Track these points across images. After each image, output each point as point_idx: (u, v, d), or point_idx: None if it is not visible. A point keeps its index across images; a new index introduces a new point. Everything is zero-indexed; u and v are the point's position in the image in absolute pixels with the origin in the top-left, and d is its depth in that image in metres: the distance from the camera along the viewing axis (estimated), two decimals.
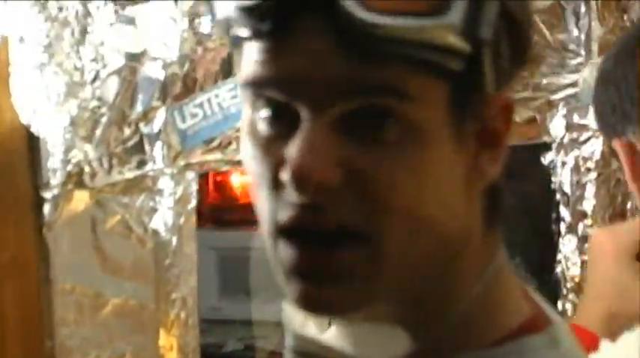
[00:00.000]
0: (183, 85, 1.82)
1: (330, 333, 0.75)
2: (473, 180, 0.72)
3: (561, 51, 1.79)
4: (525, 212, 1.69)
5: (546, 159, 1.80)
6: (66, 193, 1.83)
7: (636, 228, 1.28)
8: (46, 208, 1.82)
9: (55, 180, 1.82)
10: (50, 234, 1.83)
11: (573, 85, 1.81)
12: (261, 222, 0.69)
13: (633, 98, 1.14)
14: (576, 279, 1.94)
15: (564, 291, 1.96)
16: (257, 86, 0.65)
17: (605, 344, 1.29)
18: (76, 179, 1.83)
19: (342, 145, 0.65)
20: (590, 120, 1.34)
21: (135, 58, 1.81)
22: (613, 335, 1.22)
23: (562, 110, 1.81)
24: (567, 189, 1.80)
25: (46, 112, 1.80)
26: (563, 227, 1.97)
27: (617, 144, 1.16)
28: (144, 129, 1.83)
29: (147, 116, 1.83)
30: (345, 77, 0.64)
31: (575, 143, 1.76)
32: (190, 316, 1.89)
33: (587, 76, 1.35)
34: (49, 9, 1.78)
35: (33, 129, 1.81)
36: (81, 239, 1.85)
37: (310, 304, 0.68)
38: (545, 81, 1.79)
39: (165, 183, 1.86)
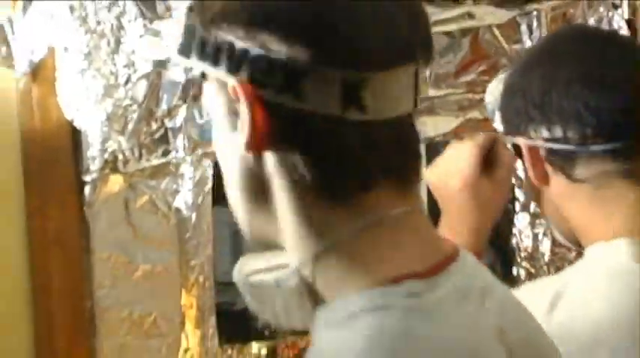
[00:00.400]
0: (200, 87, 1.77)
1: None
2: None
3: (517, 59, 1.80)
4: None
5: None
6: (103, 177, 1.85)
7: (470, 154, 1.30)
8: (87, 190, 1.85)
9: (94, 166, 1.84)
10: (90, 212, 1.86)
11: None
12: None
13: (536, 103, 1.23)
14: (529, 249, 2.07)
15: (518, 259, 2.09)
16: None
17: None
18: (111, 165, 1.85)
19: None
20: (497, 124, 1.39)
21: (160, 64, 1.83)
22: (479, 247, 1.28)
23: None
24: (521, 173, 1.86)
25: (86, 110, 1.81)
26: (517, 206, 2.11)
27: (520, 142, 1.25)
28: (168, 123, 1.87)
29: (170, 113, 1.86)
30: None
31: None
32: (207, 279, 1.93)
33: (493, 88, 1.40)
34: (89, 23, 1.79)
35: (75, 124, 1.82)
36: (116, 215, 1.87)
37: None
38: None
39: (186, 169, 1.89)
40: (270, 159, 0.82)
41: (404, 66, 0.81)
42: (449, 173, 1.32)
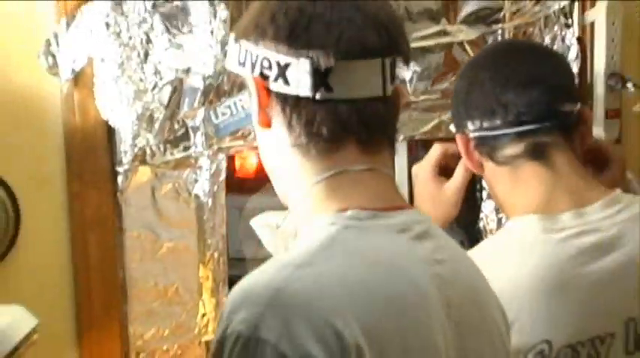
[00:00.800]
0: (216, 92, 1.92)
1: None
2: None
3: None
4: None
5: None
6: (133, 168, 1.91)
7: (429, 156, 1.40)
8: (120, 178, 1.91)
9: (126, 158, 1.90)
10: (122, 197, 1.92)
11: None
12: None
13: (462, 102, 1.37)
14: (493, 231, 2.18)
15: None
16: None
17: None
18: (140, 158, 1.91)
19: None
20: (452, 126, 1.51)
21: (183, 73, 1.89)
22: None
23: None
24: None
25: (119, 111, 1.87)
26: (484, 194, 2.22)
27: (457, 137, 1.38)
28: (189, 123, 1.93)
29: (191, 114, 1.93)
30: None
31: None
32: (221, 255, 2.00)
33: None
34: (122, 38, 1.84)
35: (110, 123, 1.88)
36: (144, 200, 1.93)
37: None
38: None
39: (203, 162, 1.96)
40: (276, 132, 0.99)
41: (365, 59, 0.96)
42: (417, 168, 1.47)
